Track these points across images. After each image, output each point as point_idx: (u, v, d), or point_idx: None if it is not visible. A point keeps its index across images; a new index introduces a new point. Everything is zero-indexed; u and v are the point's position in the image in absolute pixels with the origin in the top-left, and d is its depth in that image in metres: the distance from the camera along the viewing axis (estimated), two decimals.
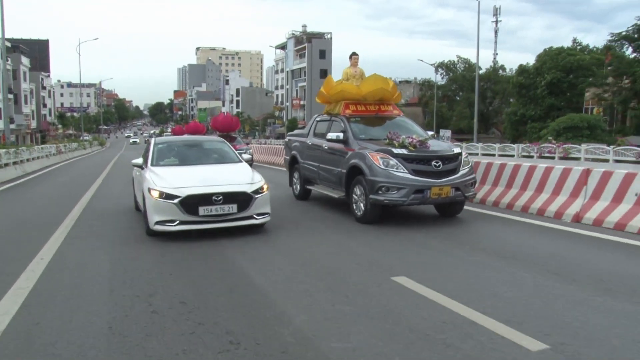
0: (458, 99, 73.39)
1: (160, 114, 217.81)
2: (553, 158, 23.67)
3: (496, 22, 78.71)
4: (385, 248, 6.88)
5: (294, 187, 11.80)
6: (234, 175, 7.90)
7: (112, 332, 4.09)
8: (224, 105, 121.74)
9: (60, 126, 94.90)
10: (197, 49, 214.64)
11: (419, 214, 9.53)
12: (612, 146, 23.33)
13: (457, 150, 8.71)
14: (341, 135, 9.23)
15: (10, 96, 59.22)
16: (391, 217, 8.93)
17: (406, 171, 8.04)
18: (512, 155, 26.75)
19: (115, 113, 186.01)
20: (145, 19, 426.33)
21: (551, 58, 48.25)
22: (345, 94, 10.01)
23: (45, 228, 8.42)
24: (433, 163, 8.17)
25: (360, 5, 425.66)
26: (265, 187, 7.80)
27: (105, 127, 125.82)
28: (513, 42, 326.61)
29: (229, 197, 7.26)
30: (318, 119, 11.01)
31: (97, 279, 5.58)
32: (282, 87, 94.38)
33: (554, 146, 24.71)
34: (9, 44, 60.31)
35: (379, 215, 8.39)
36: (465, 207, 9.23)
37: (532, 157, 25.24)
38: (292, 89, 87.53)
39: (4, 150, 19.81)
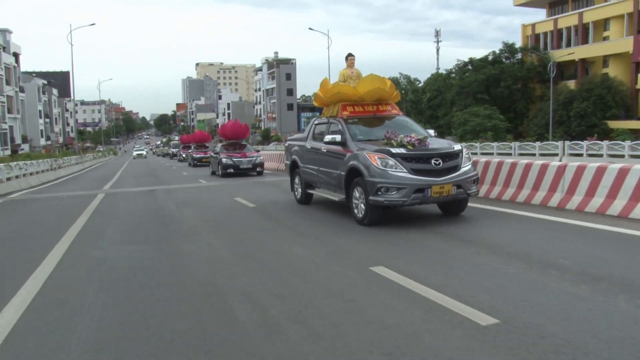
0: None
1: (164, 124, 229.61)
2: None
3: (437, 41, 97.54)
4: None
5: (296, 191, 11.50)
6: None
7: None
8: (217, 117, 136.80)
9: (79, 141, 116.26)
10: (197, 64, 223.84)
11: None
12: None
13: (457, 147, 8.31)
14: (339, 137, 8.90)
15: (47, 120, 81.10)
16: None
17: (405, 171, 7.69)
18: None
19: (124, 126, 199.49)
20: (148, 32, 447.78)
21: (432, 81, 68.07)
22: (342, 95, 9.75)
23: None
24: (433, 161, 7.83)
25: (361, 9, 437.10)
26: None
27: (115, 139, 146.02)
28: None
29: None
30: (316, 122, 10.75)
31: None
32: (259, 102, 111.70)
33: None
34: (45, 81, 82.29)
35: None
36: (471, 204, 9.03)
37: None
38: (267, 104, 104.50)
39: (100, 152, 40.32)
